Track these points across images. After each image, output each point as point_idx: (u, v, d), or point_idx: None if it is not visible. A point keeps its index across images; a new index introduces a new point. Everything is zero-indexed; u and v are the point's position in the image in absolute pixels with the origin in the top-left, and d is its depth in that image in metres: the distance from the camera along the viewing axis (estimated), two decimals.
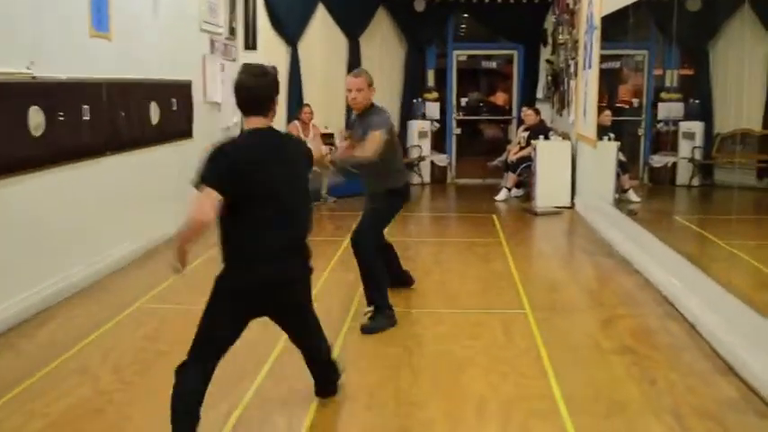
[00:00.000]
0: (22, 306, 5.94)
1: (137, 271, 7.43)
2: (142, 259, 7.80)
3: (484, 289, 6.80)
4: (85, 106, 6.86)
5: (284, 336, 4.39)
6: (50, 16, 6.35)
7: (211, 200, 3.63)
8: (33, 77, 6.03)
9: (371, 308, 5.81)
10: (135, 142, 7.94)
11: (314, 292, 4.35)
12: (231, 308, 3.87)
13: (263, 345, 5.20)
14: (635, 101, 13.31)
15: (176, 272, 3.87)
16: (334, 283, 6.99)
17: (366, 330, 5.64)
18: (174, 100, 9.03)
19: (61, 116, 6.39)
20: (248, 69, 3.83)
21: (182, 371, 3.85)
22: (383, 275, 5.92)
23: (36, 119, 6.03)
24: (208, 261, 7.46)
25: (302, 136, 11.52)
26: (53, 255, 6.42)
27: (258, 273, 3.79)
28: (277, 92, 3.84)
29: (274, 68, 3.89)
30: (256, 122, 3.79)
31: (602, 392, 4.54)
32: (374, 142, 5.57)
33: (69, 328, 5.78)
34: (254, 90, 3.78)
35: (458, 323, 5.80)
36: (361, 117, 5.86)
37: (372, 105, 5.87)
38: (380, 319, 5.72)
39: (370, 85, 5.83)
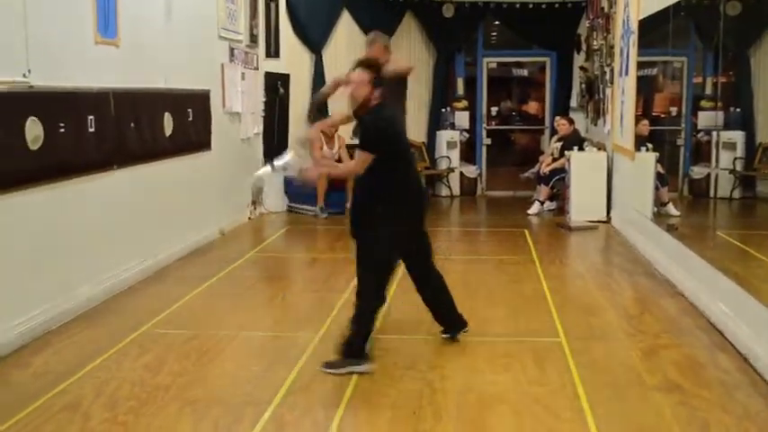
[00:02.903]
0: (20, 331, 5.53)
1: (147, 291, 7.01)
2: (153, 278, 7.39)
3: (514, 313, 6.30)
4: (91, 117, 6.47)
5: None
6: (51, 22, 5.96)
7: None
8: (30, 87, 5.64)
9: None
10: (146, 155, 7.54)
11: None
12: None
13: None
14: (673, 109, 12.72)
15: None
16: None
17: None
18: (190, 110, 8.65)
19: (62, 128, 6.00)
20: None
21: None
22: None
23: (34, 131, 5.64)
24: (215, 284, 7.20)
25: (326, 148, 11.13)
26: (55, 274, 6.03)
27: None
28: None
29: None
30: None
31: None
32: None
33: (67, 355, 5.37)
34: None
35: (485, 353, 5.31)
36: None
37: None
38: None
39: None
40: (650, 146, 9.98)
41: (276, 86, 11.39)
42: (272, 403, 4.47)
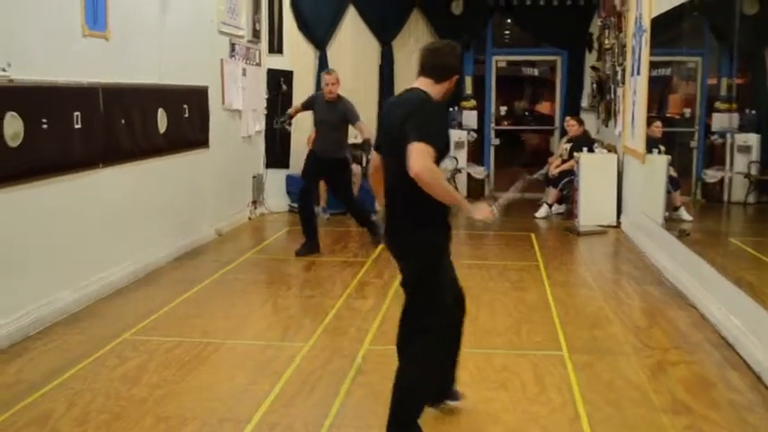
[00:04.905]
0: None
1: (134, 295, 6.74)
2: (142, 282, 7.13)
3: (516, 324, 5.99)
4: (77, 113, 6.21)
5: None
6: (34, 12, 5.70)
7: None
8: (10, 80, 5.38)
9: None
10: (137, 152, 7.28)
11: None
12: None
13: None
14: (686, 111, 12.39)
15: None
16: (347, 312, 6.29)
17: None
18: (186, 106, 8.38)
19: (44, 124, 5.74)
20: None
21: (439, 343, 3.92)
22: None
23: (13, 127, 5.38)
24: (206, 288, 6.93)
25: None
26: (36, 277, 5.77)
27: None
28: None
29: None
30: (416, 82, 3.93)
31: None
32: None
33: (42, 363, 5.10)
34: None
35: (482, 367, 5.01)
36: (331, 104, 8.39)
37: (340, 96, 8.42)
38: None
39: (338, 80, 8.49)
40: (663, 148, 9.66)
41: (279, 83, 11.12)
42: (252, 421, 4.19)
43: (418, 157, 3.53)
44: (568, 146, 11.40)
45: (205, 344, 5.44)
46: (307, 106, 8.78)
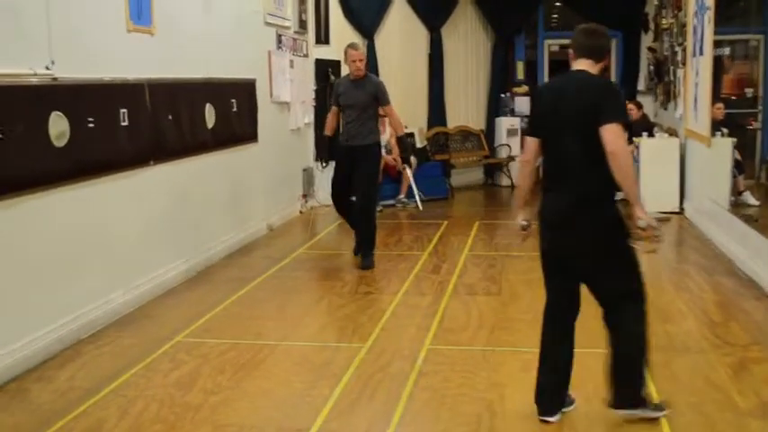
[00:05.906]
0: (46, 342, 5.12)
1: (186, 295, 6.57)
2: (194, 280, 6.97)
3: (583, 318, 5.64)
4: (123, 110, 6.04)
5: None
6: (77, 8, 5.54)
7: None
8: (54, 79, 5.22)
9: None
10: (186, 149, 7.11)
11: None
12: None
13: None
14: (748, 91, 11.93)
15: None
16: (405, 310, 6.06)
17: None
18: (234, 100, 8.21)
19: (91, 122, 5.58)
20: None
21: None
22: None
23: (58, 126, 5.22)
24: (259, 286, 6.75)
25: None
26: (86, 279, 5.61)
27: None
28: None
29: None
30: (578, 65, 3.97)
31: None
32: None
33: (94, 369, 4.95)
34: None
35: None
36: (359, 82, 7.38)
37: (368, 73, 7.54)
38: None
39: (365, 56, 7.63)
40: (726, 131, 9.27)
41: (327, 74, 10.89)
42: (311, 430, 3.98)
43: (616, 137, 3.67)
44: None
45: (260, 346, 5.25)
46: (338, 101, 7.59)
